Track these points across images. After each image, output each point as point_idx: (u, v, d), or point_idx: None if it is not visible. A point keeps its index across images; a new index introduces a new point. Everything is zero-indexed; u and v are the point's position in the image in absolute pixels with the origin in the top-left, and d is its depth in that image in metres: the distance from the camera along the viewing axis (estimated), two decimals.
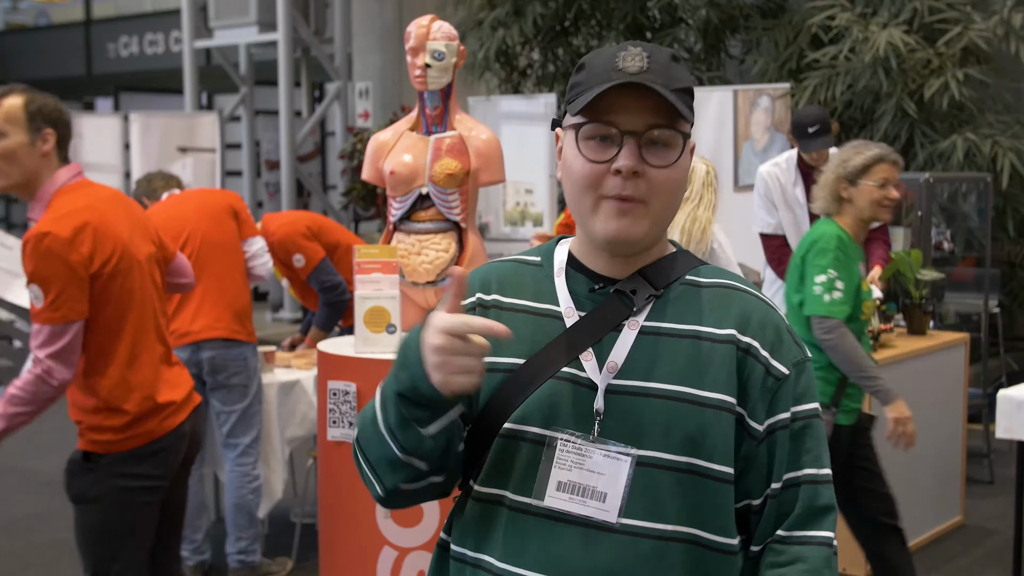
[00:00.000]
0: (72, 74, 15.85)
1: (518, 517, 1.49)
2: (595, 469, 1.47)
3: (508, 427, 1.50)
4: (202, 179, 9.99)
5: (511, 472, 1.50)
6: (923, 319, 5.09)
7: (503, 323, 1.45)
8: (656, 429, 1.47)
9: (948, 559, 4.74)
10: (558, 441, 1.48)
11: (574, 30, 8.95)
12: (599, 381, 1.49)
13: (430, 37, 3.44)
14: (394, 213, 3.56)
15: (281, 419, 4.71)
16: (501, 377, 1.52)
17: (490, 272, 1.62)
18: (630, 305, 1.52)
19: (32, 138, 2.90)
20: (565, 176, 1.53)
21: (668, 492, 1.46)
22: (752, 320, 1.52)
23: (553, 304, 1.55)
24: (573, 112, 1.50)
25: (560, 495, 1.47)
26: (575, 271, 1.57)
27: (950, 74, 6.88)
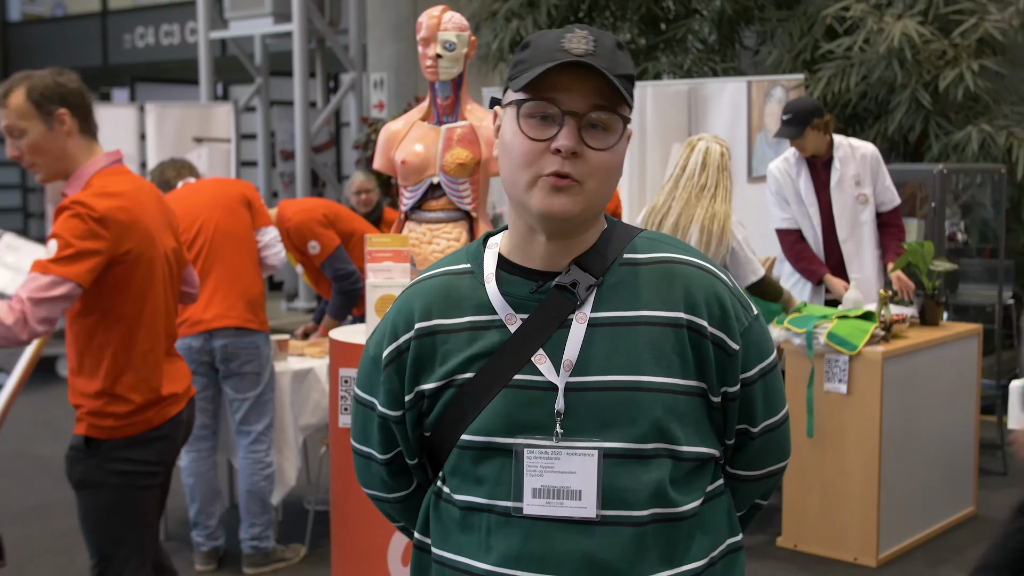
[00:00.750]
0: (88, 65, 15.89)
1: (501, 521, 1.51)
2: (565, 469, 1.48)
3: (467, 439, 1.52)
4: (217, 169, 10.03)
5: (483, 481, 1.52)
6: (936, 310, 5.09)
7: (450, 345, 1.53)
8: (621, 421, 1.48)
9: (960, 550, 4.74)
10: (524, 449, 1.49)
11: (588, 21, 8.93)
12: (557, 381, 1.49)
13: (441, 27, 3.46)
14: (405, 202, 3.58)
15: (294, 407, 4.74)
16: (452, 393, 1.53)
17: (423, 296, 1.59)
18: (573, 299, 1.51)
19: (48, 124, 2.90)
20: (502, 153, 1.53)
21: (636, 480, 1.48)
22: (697, 298, 1.52)
23: (491, 313, 1.53)
24: (515, 88, 1.48)
25: (537, 501, 1.49)
26: (509, 273, 1.55)
27: (965, 65, 6.85)
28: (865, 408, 4.51)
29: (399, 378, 1.58)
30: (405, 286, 3.38)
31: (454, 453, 1.54)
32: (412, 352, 1.56)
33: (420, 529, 1.64)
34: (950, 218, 6.09)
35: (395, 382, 1.59)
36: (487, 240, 1.62)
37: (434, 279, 1.60)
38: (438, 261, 1.66)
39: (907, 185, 6.06)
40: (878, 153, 5.40)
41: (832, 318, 4.64)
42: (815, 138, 5.24)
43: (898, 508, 4.65)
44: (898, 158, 7.70)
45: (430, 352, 1.55)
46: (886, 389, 4.51)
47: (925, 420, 4.80)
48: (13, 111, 2.87)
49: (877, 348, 4.53)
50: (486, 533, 1.52)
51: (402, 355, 1.58)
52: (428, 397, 1.56)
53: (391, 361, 1.58)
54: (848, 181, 5.31)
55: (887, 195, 5.38)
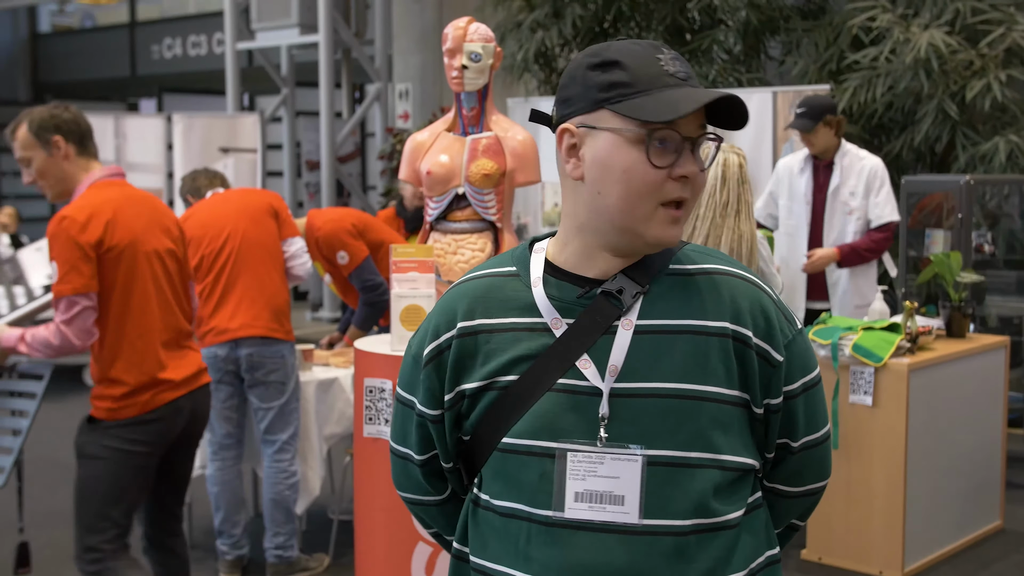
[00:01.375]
0: (117, 75, 16.04)
1: (542, 529, 1.50)
2: (608, 474, 1.47)
3: (509, 442, 1.52)
4: (243, 179, 10.09)
5: (524, 486, 1.51)
6: (963, 322, 5.06)
7: (493, 344, 1.54)
8: (664, 428, 1.48)
9: (986, 564, 4.71)
10: (567, 453, 1.48)
11: (613, 32, 8.94)
12: (602, 386, 1.49)
13: (467, 39, 3.47)
14: (431, 213, 3.59)
15: (319, 417, 4.76)
16: (495, 395, 1.53)
17: (466, 295, 1.59)
18: (619, 305, 1.51)
19: (48, 151, 3.34)
20: (606, 178, 1.49)
21: (681, 488, 1.48)
22: (743, 308, 1.53)
23: (537, 316, 1.53)
24: (641, 116, 1.45)
25: (579, 505, 1.48)
26: (556, 278, 1.55)
27: (992, 75, 6.82)
28: (891, 420, 4.49)
29: (439, 377, 1.58)
30: (430, 296, 3.42)
31: (493, 457, 1.54)
32: (454, 351, 1.56)
33: (459, 538, 1.63)
34: (977, 229, 6.05)
35: (435, 381, 1.59)
36: (532, 244, 1.63)
37: (479, 280, 1.61)
38: (482, 263, 1.66)
39: (934, 196, 6.03)
40: (883, 169, 5.39)
41: (858, 329, 4.62)
42: (826, 135, 5.32)
43: (924, 521, 4.62)
44: (924, 169, 7.67)
45: (472, 351, 1.55)
46: (912, 401, 4.49)
47: (951, 433, 4.77)
48: (19, 144, 3.33)
49: (903, 360, 4.51)
50: (525, 541, 1.51)
51: (443, 353, 1.58)
52: (469, 397, 1.56)
53: (431, 359, 1.59)
54: (845, 189, 5.35)
55: (880, 209, 5.33)
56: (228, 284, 4.43)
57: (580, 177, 1.52)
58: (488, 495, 1.56)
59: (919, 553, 4.61)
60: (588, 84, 1.49)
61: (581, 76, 1.50)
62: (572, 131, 1.51)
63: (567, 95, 1.52)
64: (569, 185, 1.55)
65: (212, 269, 4.46)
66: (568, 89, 1.52)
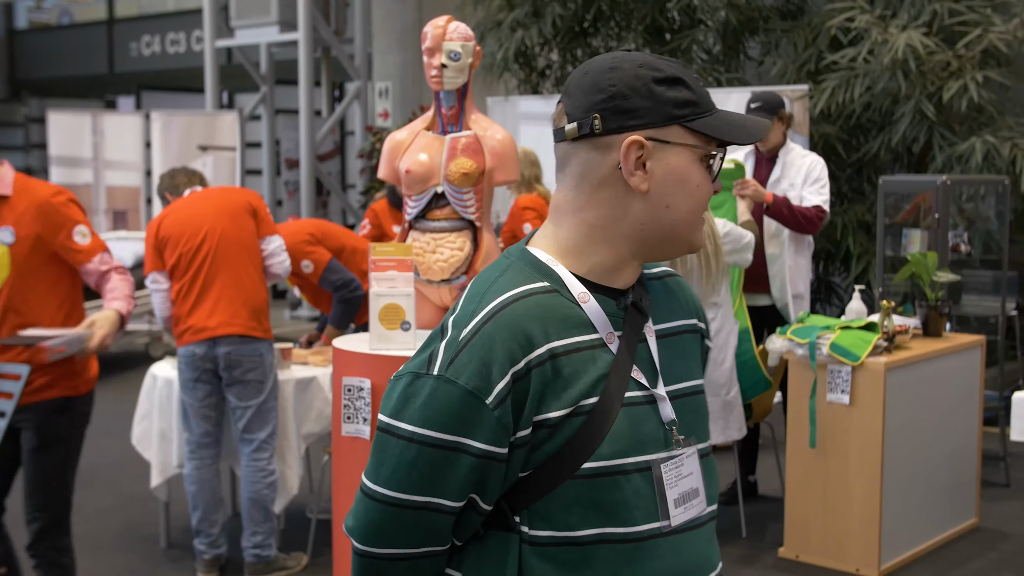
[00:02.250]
0: (94, 72, 15.96)
1: (640, 547, 1.50)
2: (687, 472, 1.55)
3: (596, 466, 1.47)
4: (222, 177, 10.07)
5: (613, 508, 1.48)
6: (939, 321, 5.09)
7: (571, 368, 1.46)
8: (697, 423, 1.60)
9: (962, 562, 4.74)
10: (660, 464, 1.52)
11: (593, 31, 8.96)
12: (662, 391, 1.55)
13: (446, 37, 3.47)
14: (409, 212, 3.59)
15: (297, 415, 4.75)
16: (579, 421, 1.46)
17: (531, 315, 1.48)
18: (644, 314, 1.56)
19: None
20: (687, 194, 1.51)
21: (710, 476, 1.61)
22: (697, 305, 1.68)
23: (591, 332, 1.50)
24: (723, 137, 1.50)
25: (679, 511, 1.53)
26: (593, 291, 1.53)
27: (969, 76, 6.86)
28: (868, 419, 4.52)
29: (515, 411, 1.45)
30: (408, 294, 3.43)
31: (566, 486, 1.46)
32: (536, 379, 1.45)
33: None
34: (953, 229, 6.09)
35: (508, 416, 1.44)
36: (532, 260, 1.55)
37: (529, 298, 1.49)
38: (501, 281, 1.52)
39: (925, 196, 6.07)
40: (823, 166, 5.45)
41: (835, 329, 4.65)
42: (778, 130, 5.42)
43: (900, 519, 4.65)
44: (902, 169, 7.72)
45: (552, 376, 1.46)
46: (889, 400, 4.51)
47: (928, 431, 4.81)
48: None
49: (880, 359, 4.53)
50: (625, 563, 1.49)
51: (520, 382, 1.45)
52: (550, 427, 1.46)
53: (508, 393, 1.44)
54: (784, 182, 5.42)
55: (810, 195, 5.37)
56: (206, 282, 4.41)
57: (646, 190, 1.50)
58: (555, 529, 1.48)
59: (895, 551, 4.64)
60: (659, 99, 1.48)
61: (646, 89, 1.47)
62: (643, 143, 1.48)
63: (630, 106, 1.47)
64: (615, 196, 1.51)
65: (190, 267, 4.45)
66: (630, 100, 1.47)
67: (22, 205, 3.37)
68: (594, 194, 1.51)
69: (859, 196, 7.87)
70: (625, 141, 1.47)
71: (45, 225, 3.37)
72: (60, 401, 3.41)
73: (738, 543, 4.93)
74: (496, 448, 1.44)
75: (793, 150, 5.50)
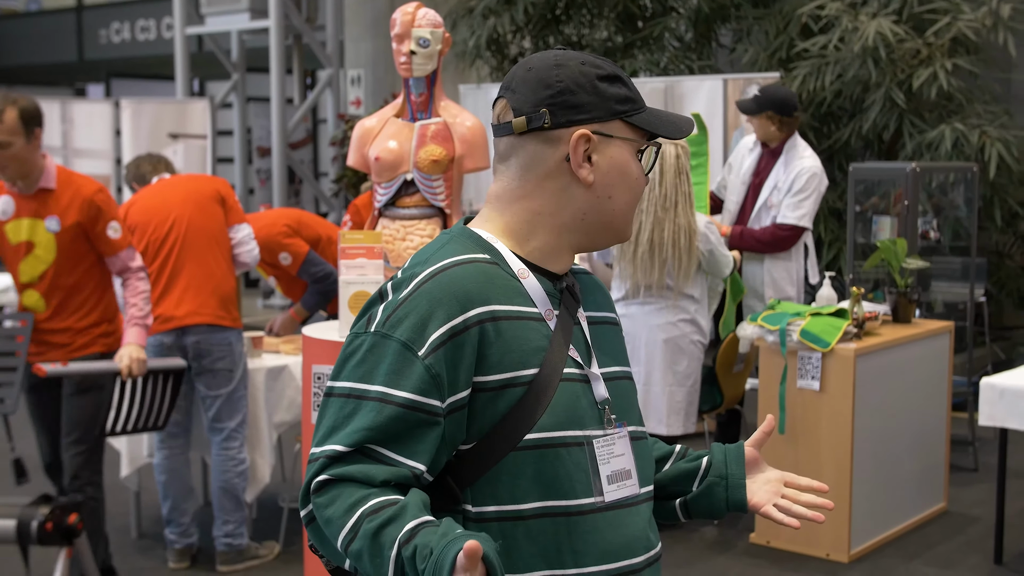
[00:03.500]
0: (63, 60, 15.80)
1: (580, 520, 1.52)
2: (619, 452, 1.58)
3: (536, 437, 1.49)
4: (193, 165, 9.99)
5: (556, 480, 1.50)
6: (908, 307, 5.12)
7: (512, 332, 1.50)
8: (630, 407, 1.65)
9: (930, 546, 4.78)
10: (594, 440, 1.55)
11: (565, 18, 8.95)
12: (597, 371, 1.59)
13: (415, 24, 3.46)
14: (379, 199, 3.58)
15: (269, 404, 4.73)
16: (520, 391, 1.49)
17: (473, 278, 1.50)
18: (577, 300, 1.62)
19: (28, 139, 3.78)
20: (621, 184, 1.59)
21: (644, 459, 1.64)
22: (610, 299, 1.74)
23: (531, 306, 1.55)
24: (659, 132, 1.59)
25: (612, 487, 1.56)
26: (532, 270, 1.59)
27: (939, 64, 6.90)
28: (837, 405, 4.54)
29: (451, 365, 1.45)
30: (378, 282, 3.41)
31: (511, 457, 1.48)
32: (475, 336, 1.46)
33: None
34: (923, 216, 6.13)
35: (443, 368, 1.45)
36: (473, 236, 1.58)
37: (470, 264, 1.52)
38: (443, 250, 1.55)
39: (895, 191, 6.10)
40: (812, 175, 5.27)
41: (805, 315, 4.67)
42: (763, 126, 5.39)
43: (870, 504, 4.68)
44: (872, 156, 7.76)
45: (493, 339, 1.48)
46: (858, 386, 4.54)
47: (897, 417, 4.84)
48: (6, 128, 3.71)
49: (850, 345, 4.56)
50: (567, 536, 1.51)
51: (458, 337, 1.45)
52: (487, 392, 1.47)
53: (442, 343, 1.44)
54: (773, 181, 5.38)
55: (789, 210, 5.26)
56: (174, 271, 4.38)
57: (592, 182, 1.57)
58: (499, 504, 1.48)
59: (865, 535, 4.68)
60: (603, 95, 1.56)
61: (591, 86, 1.55)
62: (591, 137, 1.55)
63: (578, 102, 1.54)
64: (560, 186, 1.57)
65: (157, 256, 4.41)
66: (577, 96, 1.54)
67: (67, 198, 3.85)
68: (540, 184, 1.57)
69: (830, 183, 7.90)
70: (575, 135, 1.54)
71: (87, 218, 3.85)
72: (96, 355, 3.97)
73: (710, 529, 4.96)
74: (423, 399, 1.44)
75: (794, 149, 5.37)
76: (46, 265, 3.89)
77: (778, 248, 5.32)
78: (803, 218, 5.27)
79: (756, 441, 1.71)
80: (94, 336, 4.00)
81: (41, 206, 3.86)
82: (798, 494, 1.67)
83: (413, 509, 1.39)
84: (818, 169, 5.33)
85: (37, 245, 3.88)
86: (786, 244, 5.31)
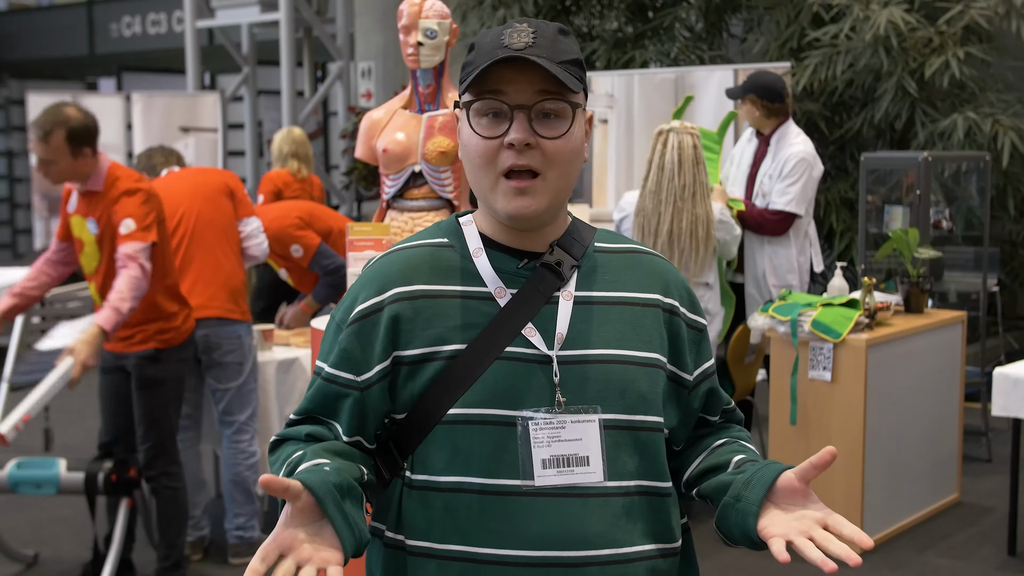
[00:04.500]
0: (75, 54, 15.82)
1: (500, 500, 1.48)
2: (571, 437, 1.49)
3: (458, 412, 1.49)
4: (204, 159, 10.01)
5: (475, 458, 1.49)
6: (921, 297, 5.10)
7: (434, 310, 1.52)
8: (612, 392, 1.53)
9: (944, 536, 4.76)
10: (528, 421, 1.49)
11: (575, 9, 8.92)
12: (552, 353, 1.52)
13: (422, 15, 3.45)
14: (387, 191, 3.57)
15: (280, 397, 4.73)
16: (440, 364, 1.50)
17: (402, 262, 1.57)
18: (558, 278, 1.55)
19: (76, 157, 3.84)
20: (464, 155, 1.57)
21: (627, 450, 1.53)
22: (670, 282, 1.63)
23: (479, 285, 1.54)
24: (463, 91, 1.53)
25: (548, 472, 1.48)
26: (493, 249, 1.57)
27: (951, 53, 6.86)
28: (849, 395, 4.52)
29: (363, 342, 1.53)
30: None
31: (436, 431, 1.50)
32: (388, 315, 1.52)
33: (393, 526, 1.55)
34: (935, 206, 6.10)
35: (354, 345, 1.53)
36: (458, 219, 1.63)
37: (411, 249, 1.59)
38: (413, 235, 1.64)
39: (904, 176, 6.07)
40: (802, 160, 5.21)
41: (817, 306, 4.65)
42: (749, 111, 5.39)
43: (882, 495, 4.66)
44: (884, 146, 7.72)
45: (411, 316, 1.52)
46: (870, 376, 4.52)
47: (909, 407, 4.82)
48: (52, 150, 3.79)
49: (861, 336, 4.54)
50: (478, 514, 1.48)
51: (372, 316, 1.53)
52: (407, 366, 1.51)
53: (356, 321, 1.54)
54: (764, 170, 5.37)
55: (780, 196, 5.21)
56: (183, 265, 4.38)
57: None
58: (426, 473, 1.52)
59: (877, 527, 4.66)
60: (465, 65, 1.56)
61: None
62: (456, 116, 1.60)
63: None
64: None
65: None
66: None
67: (107, 199, 3.88)
68: None
69: (842, 173, 7.87)
70: None
71: (112, 215, 3.85)
72: (151, 352, 4.01)
73: None
74: (340, 372, 1.55)
75: (785, 136, 5.33)
76: (96, 261, 3.97)
77: (767, 232, 5.24)
78: (791, 203, 5.19)
79: (802, 472, 1.45)
80: (150, 333, 4.02)
81: (87, 206, 3.93)
82: (829, 540, 1.40)
83: (311, 453, 1.48)
84: (807, 154, 5.25)
85: (86, 243, 3.97)
86: (776, 229, 5.23)
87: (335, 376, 1.55)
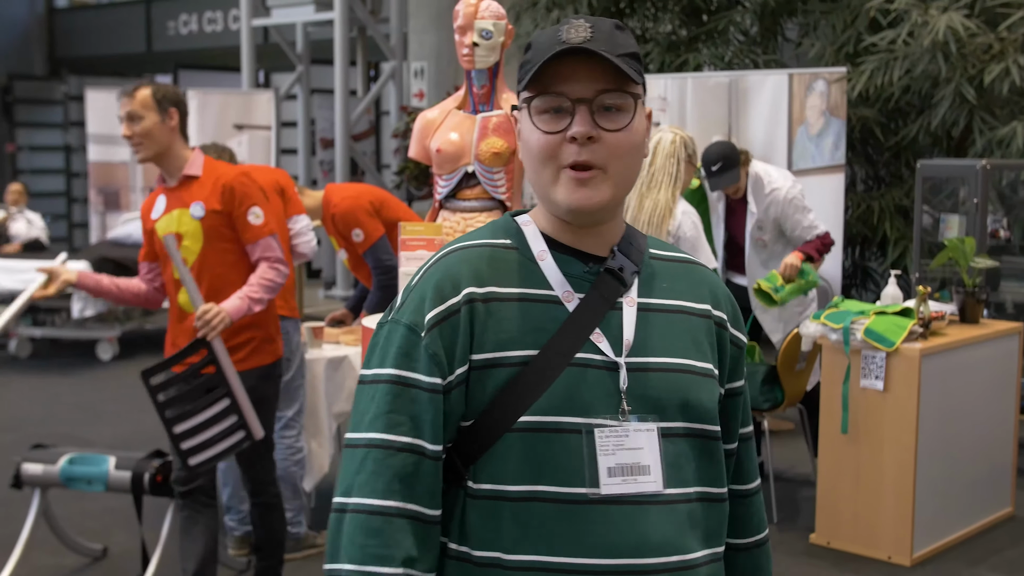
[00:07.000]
0: (132, 51, 16.03)
1: (571, 509, 1.47)
2: (634, 446, 1.49)
3: (530, 420, 1.47)
4: (257, 156, 10.10)
5: (547, 466, 1.47)
6: (976, 307, 5.02)
7: (502, 313, 1.49)
8: (673, 401, 1.52)
9: (997, 551, 4.69)
10: (595, 429, 1.48)
11: (630, 11, 8.90)
12: (620, 360, 1.51)
13: (478, 16, 3.45)
14: (440, 191, 3.58)
15: (329, 394, 4.75)
16: (511, 371, 1.47)
17: (470, 261, 1.53)
18: (621, 283, 1.54)
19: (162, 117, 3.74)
20: (524, 153, 1.54)
21: (686, 457, 1.53)
22: (719, 295, 1.63)
23: (546, 288, 1.52)
24: (523, 88, 1.51)
25: (613, 480, 1.47)
26: (557, 251, 1.55)
27: (1011, 59, 6.75)
28: (901, 405, 4.47)
29: (447, 344, 1.48)
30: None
31: (506, 438, 1.47)
32: (465, 317, 1.48)
33: (456, 538, 1.50)
34: (993, 214, 6.01)
35: (439, 348, 1.48)
36: (515, 219, 1.60)
37: (477, 248, 1.54)
38: (468, 233, 1.60)
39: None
40: (791, 198, 5.25)
41: (870, 314, 4.60)
42: (744, 175, 5.36)
43: (934, 507, 4.60)
44: (941, 153, 7.62)
45: (483, 319, 1.48)
46: (923, 386, 4.46)
47: (963, 418, 4.75)
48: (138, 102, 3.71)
49: (915, 345, 4.48)
50: (554, 522, 1.47)
51: (451, 318, 1.48)
52: (476, 370, 1.48)
53: (436, 324, 1.48)
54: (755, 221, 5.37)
55: (808, 229, 5.27)
56: None
57: None
58: (493, 483, 1.48)
59: (928, 539, 4.60)
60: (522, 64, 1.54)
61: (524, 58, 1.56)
62: (516, 118, 1.57)
63: None
64: None
65: None
66: None
67: (210, 184, 3.78)
68: None
69: (897, 180, 7.79)
70: None
71: (228, 202, 3.74)
72: (255, 371, 3.82)
73: (769, 529, 4.90)
74: (432, 379, 1.48)
75: (758, 183, 5.32)
76: (194, 256, 3.75)
77: (830, 245, 5.36)
78: (818, 224, 5.33)
79: None
80: (247, 352, 3.81)
81: (186, 193, 3.78)
82: None
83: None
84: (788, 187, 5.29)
85: (185, 236, 3.76)
86: (830, 241, 5.35)
87: (417, 381, 1.48)
